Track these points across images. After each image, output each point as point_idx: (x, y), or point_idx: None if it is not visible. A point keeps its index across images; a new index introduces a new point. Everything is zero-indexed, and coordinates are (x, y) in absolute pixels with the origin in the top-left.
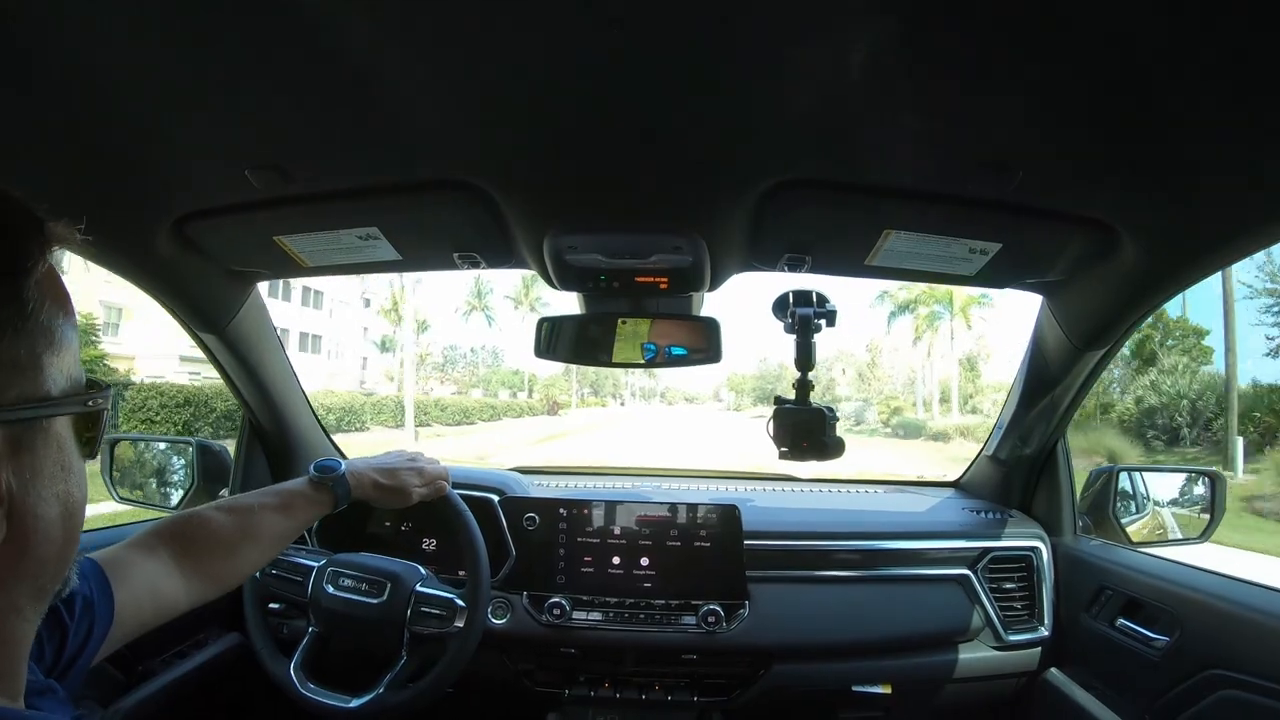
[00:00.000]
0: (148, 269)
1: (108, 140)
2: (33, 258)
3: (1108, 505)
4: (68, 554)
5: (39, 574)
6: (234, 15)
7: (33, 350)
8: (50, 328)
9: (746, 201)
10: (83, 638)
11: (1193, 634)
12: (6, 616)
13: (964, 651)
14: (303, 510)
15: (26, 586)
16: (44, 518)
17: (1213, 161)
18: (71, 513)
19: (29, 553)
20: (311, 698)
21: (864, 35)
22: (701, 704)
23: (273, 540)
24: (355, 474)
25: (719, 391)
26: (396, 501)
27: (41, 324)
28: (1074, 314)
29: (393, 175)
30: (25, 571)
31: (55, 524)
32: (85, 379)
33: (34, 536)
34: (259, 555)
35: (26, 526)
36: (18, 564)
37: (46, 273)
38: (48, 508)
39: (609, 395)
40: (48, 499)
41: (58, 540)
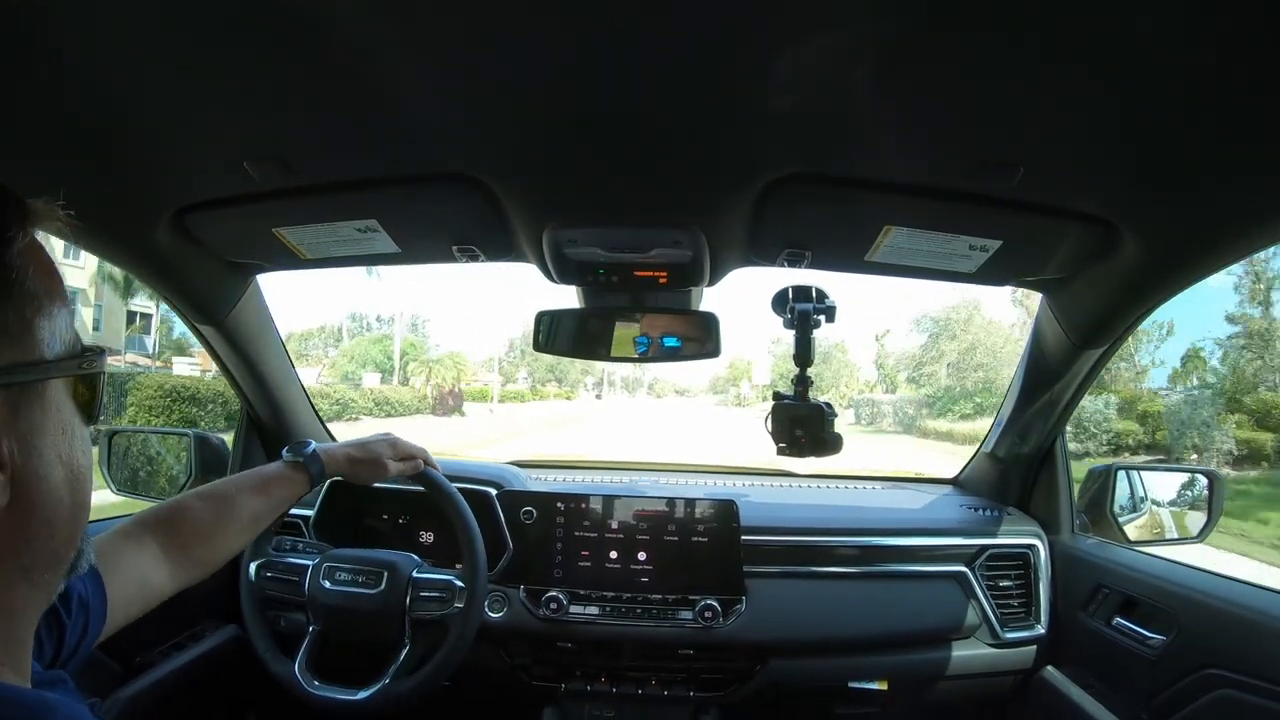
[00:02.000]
0: (147, 260)
1: (107, 132)
2: (13, 227)
3: (1105, 503)
4: (78, 519)
5: (50, 537)
6: (234, 7)
7: (21, 315)
8: (37, 293)
9: (746, 196)
10: (79, 631)
11: (1189, 633)
12: (14, 582)
13: (960, 649)
14: (279, 489)
15: (38, 551)
16: (49, 480)
17: (1215, 160)
18: (77, 476)
19: (36, 515)
20: (319, 694)
21: (865, 30)
22: (698, 699)
23: (252, 520)
24: (328, 451)
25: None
26: (373, 474)
27: (28, 290)
28: (1074, 312)
29: (392, 168)
30: (34, 535)
31: (61, 487)
32: (81, 344)
33: (40, 499)
34: (240, 536)
35: (31, 489)
36: (28, 526)
37: (29, 244)
38: (52, 471)
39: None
40: (51, 462)
41: (65, 503)
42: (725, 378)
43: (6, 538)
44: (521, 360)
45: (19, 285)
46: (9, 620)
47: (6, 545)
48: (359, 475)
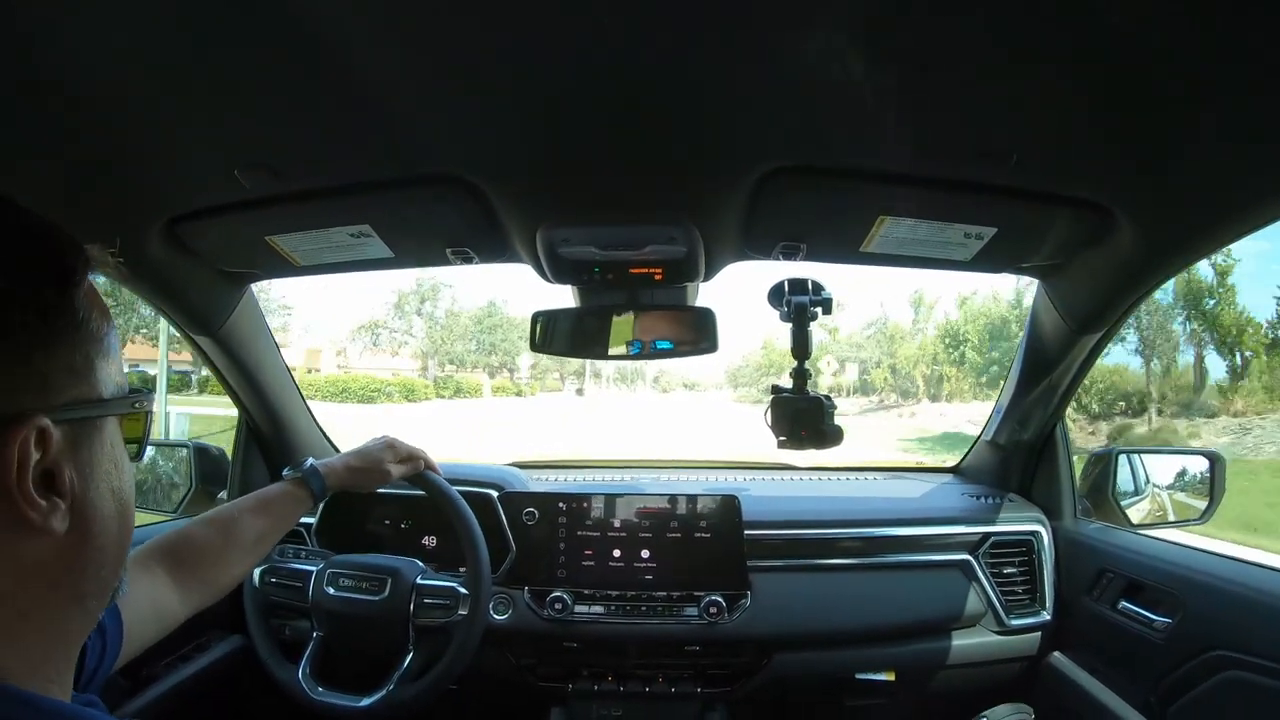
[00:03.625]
0: (139, 271)
1: (97, 142)
2: (79, 272)
3: (1107, 488)
4: (124, 547)
5: (102, 564)
6: (222, 14)
7: (87, 356)
8: (99, 336)
9: (739, 190)
10: (98, 657)
11: (1195, 615)
12: (69, 607)
13: (967, 637)
14: (281, 508)
15: (91, 577)
16: (102, 510)
17: (1208, 144)
18: (125, 508)
19: (91, 543)
20: (322, 701)
21: (855, 21)
22: (705, 695)
23: (256, 541)
24: (327, 464)
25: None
26: (375, 481)
27: (92, 332)
28: (1070, 298)
29: (384, 172)
30: (90, 561)
31: (112, 518)
32: (131, 385)
33: (95, 527)
34: (246, 559)
35: (88, 518)
36: (83, 554)
37: (90, 286)
38: (104, 502)
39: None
40: (104, 494)
41: (114, 533)
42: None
43: (65, 564)
44: (445, 336)
45: (84, 327)
46: (60, 645)
47: (65, 571)
48: (361, 484)
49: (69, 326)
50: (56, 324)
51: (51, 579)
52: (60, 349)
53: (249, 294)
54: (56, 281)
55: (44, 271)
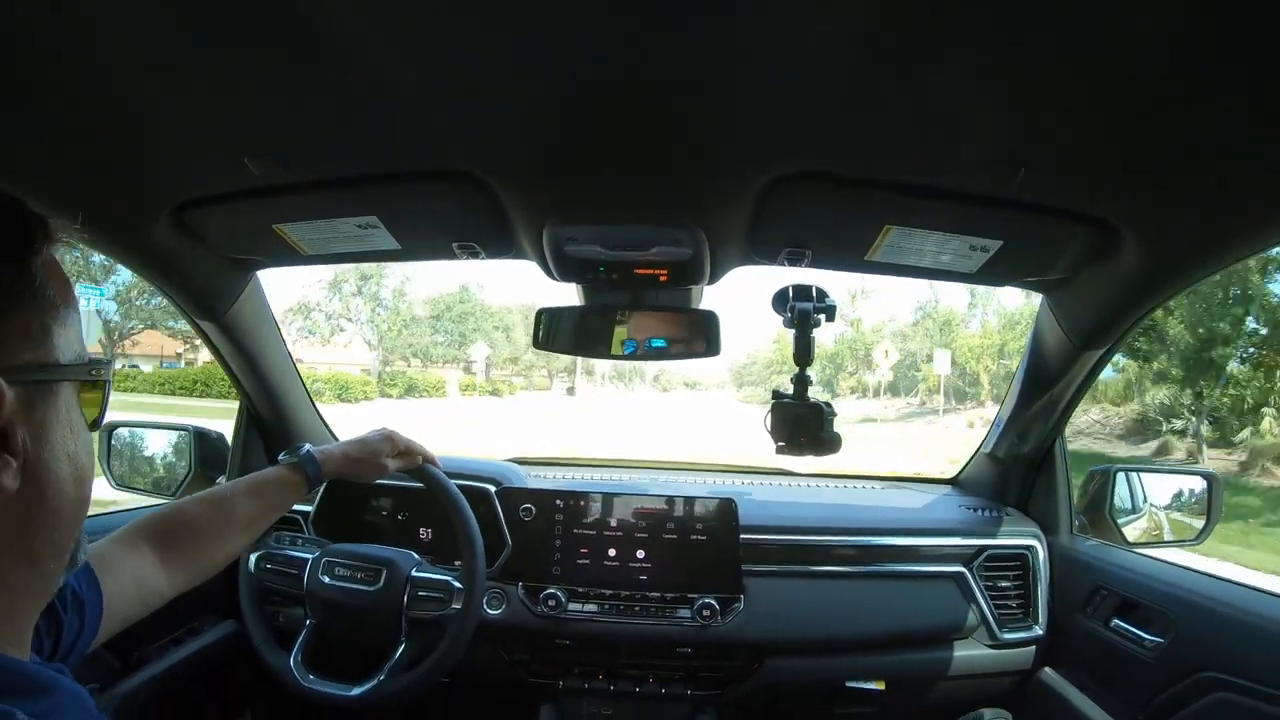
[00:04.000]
0: (147, 256)
1: (107, 128)
2: (39, 241)
3: (1104, 505)
4: (80, 513)
5: (55, 527)
6: (232, 4)
7: (42, 321)
8: (56, 304)
9: (747, 194)
10: (76, 630)
11: (1187, 636)
12: (21, 566)
13: (958, 649)
14: (275, 492)
15: (43, 538)
16: (56, 473)
17: (1215, 161)
18: (81, 474)
19: (45, 505)
20: (312, 688)
21: (866, 28)
22: (695, 697)
23: (247, 523)
24: (325, 451)
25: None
26: (371, 472)
27: (49, 299)
28: (1074, 313)
29: (393, 165)
30: (43, 523)
31: (67, 481)
32: (90, 355)
33: (48, 489)
34: (236, 541)
35: (41, 479)
36: (35, 515)
37: (49, 259)
38: (59, 466)
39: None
40: (59, 458)
41: (70, 497)
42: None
43: (15, 523)
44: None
45: (41, 293)
46: (15, 605)
47: (15, 530)
48: (358, 474)
49: (25, 293)
50: (13, 290)
51: (3, 537)
52: (15, 315)
53: (255, 281)
54: (14, 250)
55: (2, 240)
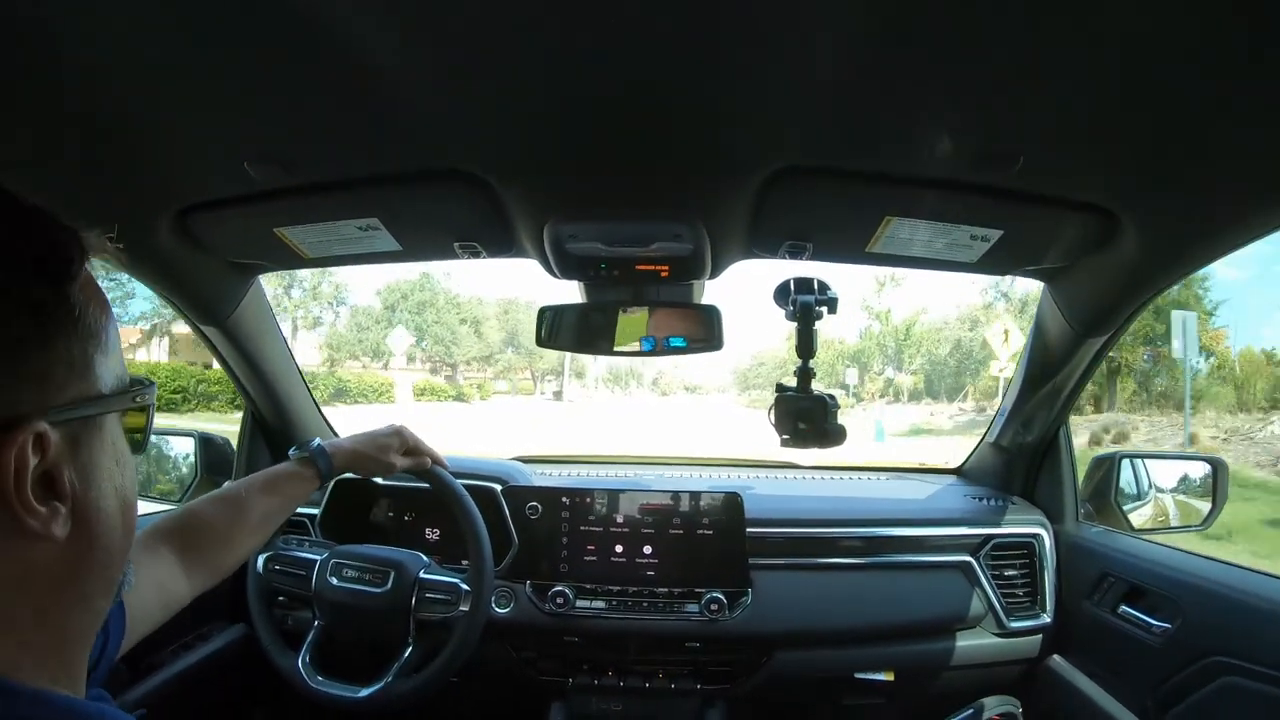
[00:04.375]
0: (149, 261)
1: (108, 134)
2: (75, 264)
3: (1109, 492)
4: (127, 545)
5: (108, 564)
6: (233, 7)
7: (85, 352)
8: (97, 330)
9: (747, 188)
10: (100, 646)
11: (1194, 621)
12: (75, 609)
13: (966, 638)
14: (288, 487)
15: (96, 577)
16: (104, 510)
17: (1214, 148)
18: (128, 505)
19: (96, 544)
20: (321, 690)
21: (865, 20)
22: (705, 691)
23: (263, 520)
24: (335, 445)
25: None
26: (379, 468)
27: (89, 326)
28: (1075, 301)
29: (393, 166)
30: (94, 563)
31: (115, 516)
32: (132, 377)
33: (98, 528)
34: (252, 538)
35: (90, 520)
36: (87, 555)
37: (86, 278)
38: (107, 501)
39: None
40: (107, 493)
41: (118, 531)
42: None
43: (69, 567)
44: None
45: (81, 321)
46: (71, 645)
47: (69, 574)
48: (366, 469)
49: (65, 323)
50: (52, 321)
51: (56, 583)
52: (56, 347)
53: (257, 285)
54: (51, 276)
55: (37, 266)
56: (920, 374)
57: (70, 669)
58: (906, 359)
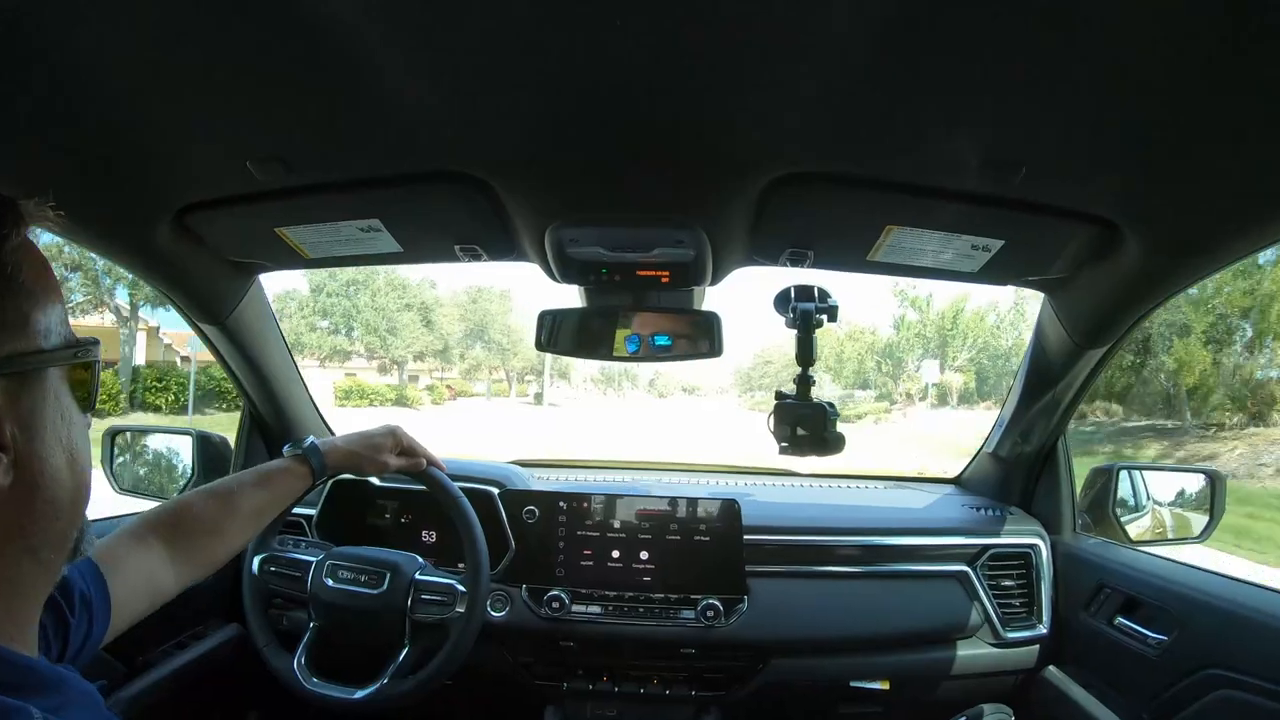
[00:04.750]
0: (149, 260)
1: (109, 132)
2: (7, 227)
3: (1107, 503)
4: (80, 500)
5: (55, 517)
6: (234, 7)
7: (19, 309)
8: (33, 289)
9: (748, 195)
10: (84, 632)
11: (1191, 633)
12: (20, 558)
13: (962, 648)
14: (280, 482)
15: (43, 531)
16: (50, 462)
17: (1215, 159)
18: (77, 459)
19: (40, 495)
20: (316, 691)
21: (867, 29)
22: (700, 698)
23: (254, 514)
24: (329, 444)
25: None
26: (373, 467)
27: (24, 285)
28: (1076, 311)
29: (394, 167)
30: (40, 513)
31: (63, 469)
32: (77, 337)
33: (43, 480)
34: (243, 532)
35: (34, 470)
36: (32, 506)
37: (23, 243)
38: (53, 454)
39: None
40: (52, 446)
41: (67, 485)
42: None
43: (12, 517)
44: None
45: (14, 281)
46: (18, 597)
47: (13, 524)
48: (360, 468)
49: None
50: None
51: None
52: None
53: (257, 284)
54: None
55: None
56: (970, 370)
57: (19, 623)
58: (951, 353)
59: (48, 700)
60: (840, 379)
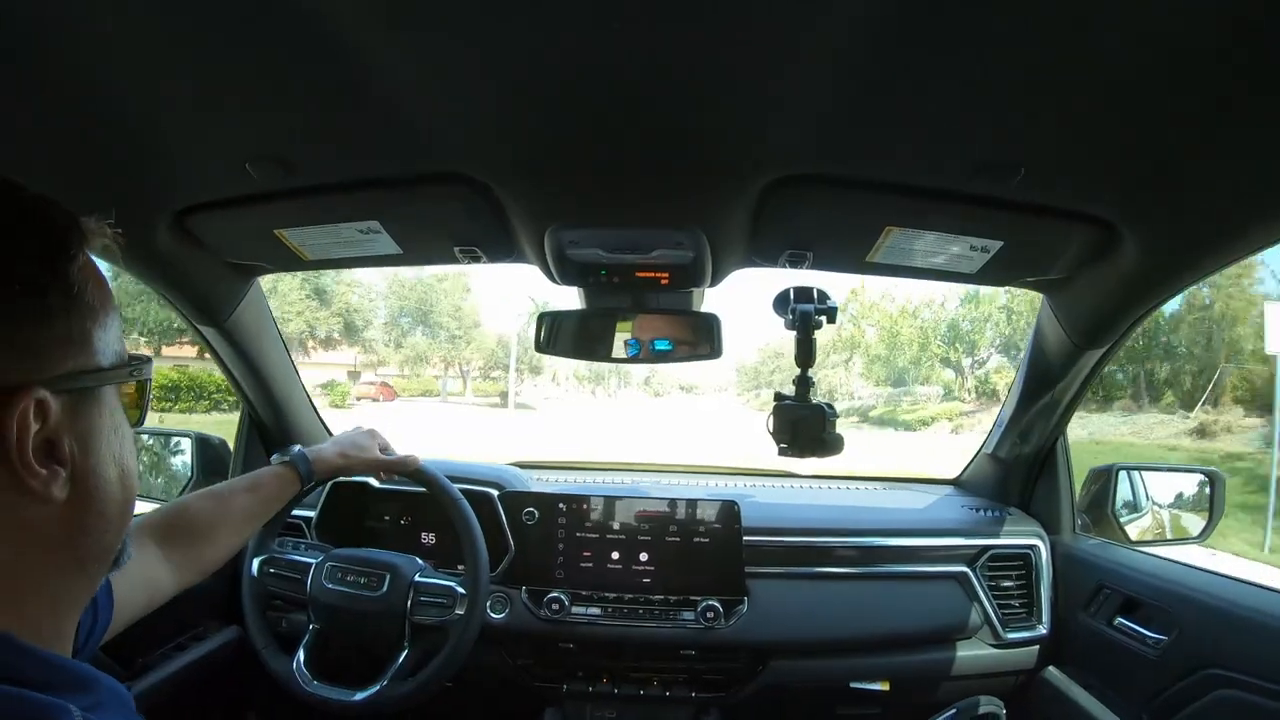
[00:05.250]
0: (148, 261)
1: (108, 134)
2: (74, 246)
3: (1107, 503)
4: (127, 513)
5: (104, 530)
6: (234, 9)
7: (83, 327)
8: (95, 307)
9: (747, 197)
10: (88, 630)
11: (1190, 633)
12: (70, 571)
13: (962, 649)
14: (271, 487)
15: (93, 543)
16: (104, 477)
17: (1214, 161)
18: (127, 474)
19: (93, 509)
20: (315, 693)
21: (865, 30)
22: (699, 700)
23: (246, 518)
24: (316, 451)
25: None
26: (364, 466)
27: (88, 304)
28: (1075, 312)
29: (394, 169)
30: (92, 527)
31: (114, 483)
32: (130, 353)
33: (97, 494)
34: (235, 535)
35: (89, 485)
36: (84, 521)
37: (85, 260)
38: (106, 469)
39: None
40: (106, 461)
41: (118, 499)
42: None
43: (66, 530)
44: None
45: (80, 299)
46: (63, 605)
47: (66, 537)
48: (351, 469)
49: (64, 300)
50: (52, 298)
51: (53, 544)
52: (56, 322)
53: (256, 286)
54: (51, 257)
55: (38, 247)
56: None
57: (61, 632)
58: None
59: (84, 699)
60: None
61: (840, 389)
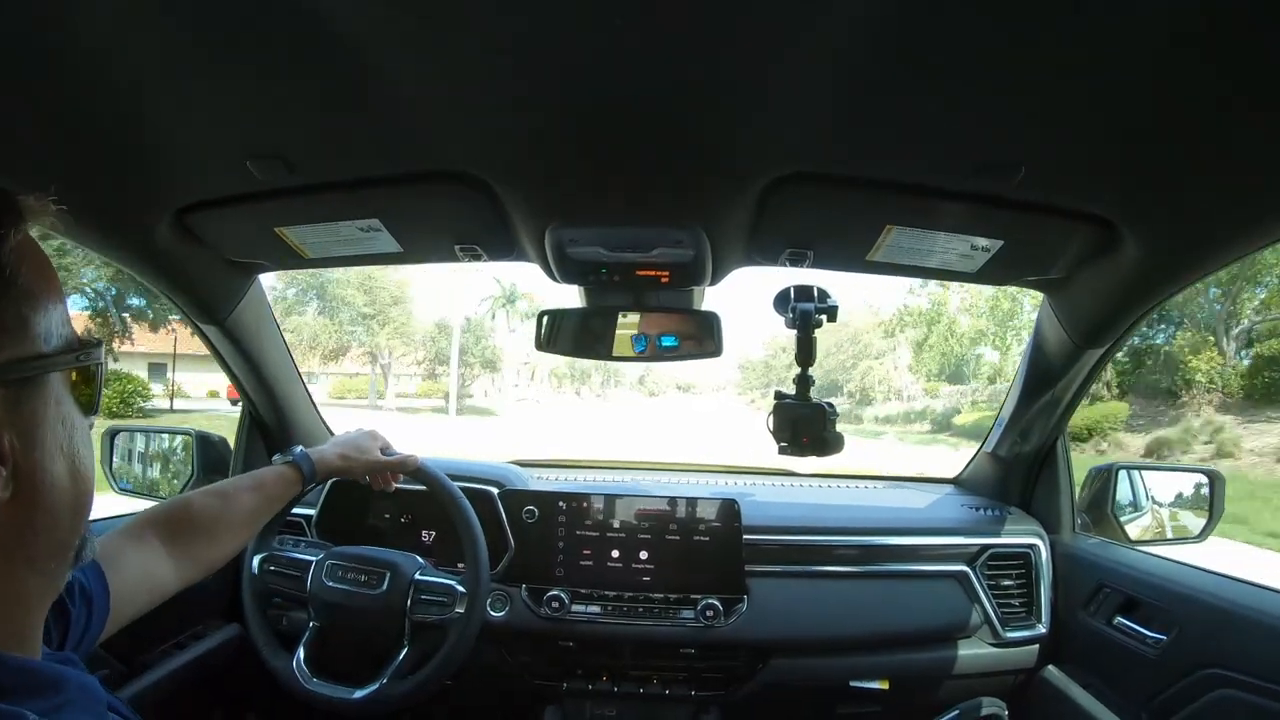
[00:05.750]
0: (148, 259)
1: (109, 131)
2: (4, 226)
3: (1106, 503)
4: (81, 508)
5: (55, 527)
6: (235, 7)
7: (18, 312)
8: (33, 290)
9: (748, 195)
10: (83, 625)
11: (1189, 633)
12: (21, 571)
13: (962, 648)
14: (273, 486)
15: (44, 541)
16: (51, 472)
17: (1214, 159)
18: (79, 467)
19: (40, 506)
20: (315, 691)
21: (865, 30)
22: (699, 698)
23: (249, 517)
24: (317, 451)
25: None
26: (364, 467)
27: (22, 287)
28: (1075, 311)
29: (394, 167)
30: (41, 525)
31: (64, 478)
32: (79, 338)
33: (43, 490)
34: (238, 534)
35: (35, 482)
36: (33, 519)
37: (22, 241)
38: (53, 463)
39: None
40: (52, 454)
41: (68, 494)
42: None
43: (12, 530)
44: None
45: (13, 283)
46: (21, 609)
47: (13, 537)
48: (352, 470)
49: None
50: None
51: (1, 546)
52: None
53: (256, 284)
54: None
55: None
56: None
57: (21, 634)
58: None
59: (45, 701)
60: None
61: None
